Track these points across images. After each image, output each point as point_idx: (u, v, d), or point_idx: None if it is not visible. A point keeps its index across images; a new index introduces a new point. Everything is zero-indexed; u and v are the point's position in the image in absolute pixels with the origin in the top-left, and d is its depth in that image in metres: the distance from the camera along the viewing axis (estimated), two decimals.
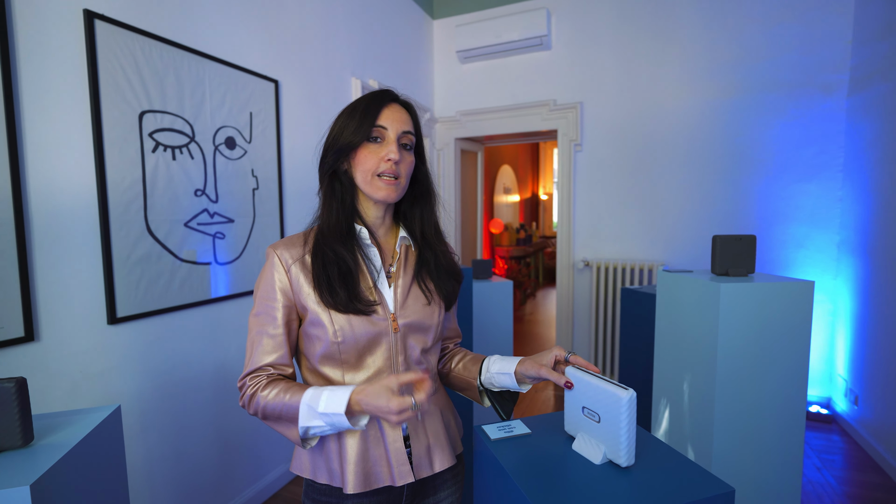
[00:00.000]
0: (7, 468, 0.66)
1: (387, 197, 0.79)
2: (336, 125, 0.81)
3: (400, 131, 0.79)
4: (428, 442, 0.83)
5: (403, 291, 0.83)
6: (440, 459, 0.83)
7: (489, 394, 0.89)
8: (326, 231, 0.81)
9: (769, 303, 1.29)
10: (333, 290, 0.76)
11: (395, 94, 0.83)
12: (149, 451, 1.59)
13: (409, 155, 0.81)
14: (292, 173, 2.22)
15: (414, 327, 0.82)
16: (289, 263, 0.79)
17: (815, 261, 2.86)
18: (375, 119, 0.78)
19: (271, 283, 0.79)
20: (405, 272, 0.84)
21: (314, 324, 0.78)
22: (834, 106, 2.74)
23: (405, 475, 0.79)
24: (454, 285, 0.90)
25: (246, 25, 1.95)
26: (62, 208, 1.33)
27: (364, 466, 0.78)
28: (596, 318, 3.37)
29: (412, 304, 0.83)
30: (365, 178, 0.79)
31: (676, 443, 1.51)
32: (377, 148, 0.78)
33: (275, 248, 0.81)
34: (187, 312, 1.71)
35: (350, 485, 0.77)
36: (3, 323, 1.19)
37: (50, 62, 1.29)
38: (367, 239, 0.82)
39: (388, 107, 0.79)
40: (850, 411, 2.67)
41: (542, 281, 7.83)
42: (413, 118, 0.83)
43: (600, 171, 3.31)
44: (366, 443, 0.79)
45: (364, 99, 0.80)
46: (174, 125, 1.63)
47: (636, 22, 3.12)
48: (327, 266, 0.77)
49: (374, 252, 0.83)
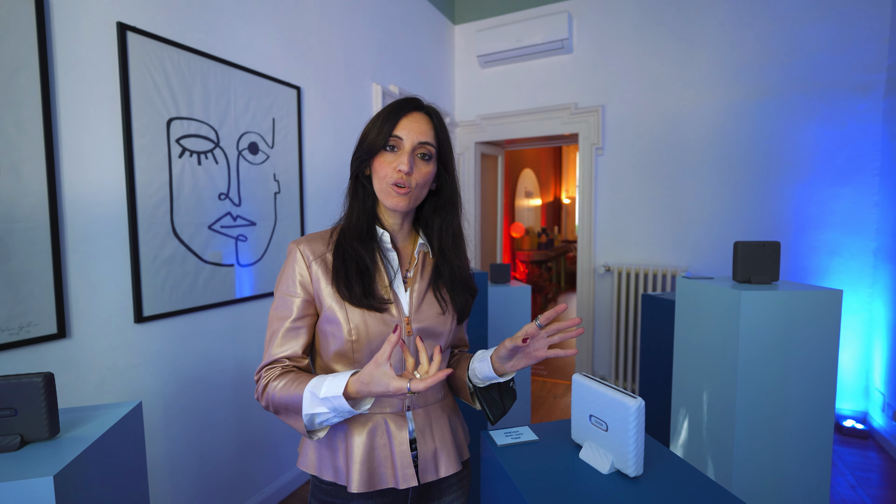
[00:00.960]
0: (33, 459, 0.69)
1: (396, 206, 0.80)
2: (366, 129, 0.83)
3: (416, 142, 0.79)
4: (435, 446, 0.83)
5: (419, 296, 0.84)
6: (446, 465, 0.83)
7: (478, 392, 0.85)
8: (348, 230, 0.83)
9: (794, 312, 1.25)
10: (350, 284, 0.78)
11: (420, 102, 0.83)
12: (171, 445, 1.64)
13: (425, 165, 0.81)
14: (313, 177, 2.27)
15: (427, 332, 0.83)
16: (310, 259, 0.81)
17: (849, 268, 2.73)
18: (393, 128, 0.79)
19: (292, 277, 0.81)
20: (421, 278, 0.85)
21: (330, 320, 0.80)
22: (870, 107, 2.62)
23: (409, 478, 0.79)
24: (468, 299, 0.89)
25: (269, 34, 2.00)
26: (94, 211, 1.39)
27: (369, 466, 0.79)
28: (617, 325, 3.31)
29: (427, 310, 0.84)
30: (380, 185, 0.80)
31: (696, 455, 1.47)
32: (392, 157, 0.79)
33: (298, 244, 0.83)
34: (210, 313, 1.77)
35: (354, 484, 0.78)
36: (38, 320, 1.25)
37: (85, 72, 1.36)
38: (388, 243, 0.84)
39: (407, 116, 0.80)
40: (887, 426, 2.53)
41: (563, 286, 7.72)
42: (436, 127, 0.83)
43: (622, 174, 3.26)
44: (372, 443, 0.80)
45: (389, 106, 0.82)
46: (200, 131, 1.69)
47: (659, 23, 3.06)
48: (346, 261, 0.80)
49: (392, 256, 0.85)
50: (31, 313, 1.24)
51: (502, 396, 0.85)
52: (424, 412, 0.84)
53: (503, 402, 0.85)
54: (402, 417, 0.81)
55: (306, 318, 0.82)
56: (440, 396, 0.88)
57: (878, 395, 2.63)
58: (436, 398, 0.86)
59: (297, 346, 0.80)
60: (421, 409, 0.83)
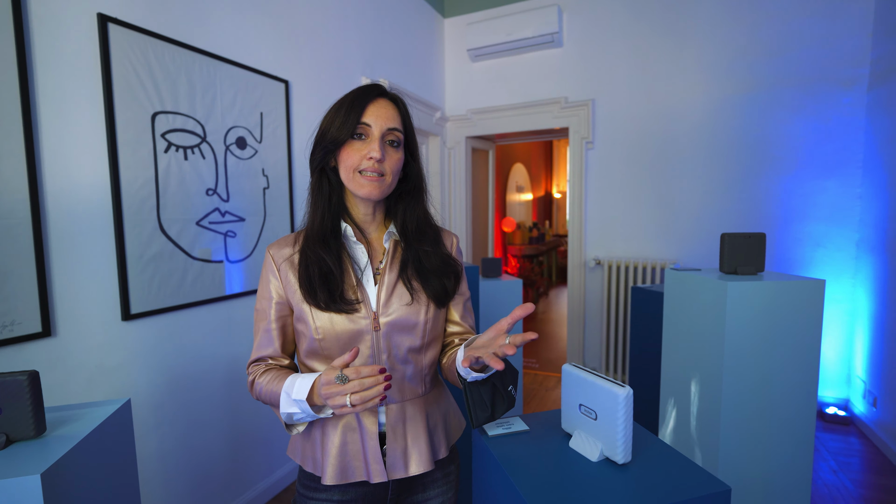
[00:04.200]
0: (20, 457, 0.69)
1: (369, 194, 0.79)
2: (325, 121, 0.81)
3: (385, 128, 0.78)
4: (406, 444, 0.82)
5: (388, 290, 0.82)
6: (416, 463, 0.82)
7: (467, 388, 0.77)
8: (310, 234, 0.82)
9: (778, 302, 1.27)
10: (314, 290, 0.79)
11: (384, 88, 0.82)
12: (162, 443, 1.63)
13: (395, 152, 0.80)
14: (303, 172, 2.25)
15: (397, 326, 0.81)
16: (279, 262, 0.84)
17: (833, 260, 2.79)
18: (360, 116, 0.77)
19: (266, 281, 0.84)
20: (391, 270, 0.83)
21: (299, 320, 0.82)
22: (854, 101, 2.67)
23: (379, 473, 0.79)
24: (444, 283, 0.85)
25: (256, 27, 1.98)
26: (77, 207, 1.37)
27: (342, 460, 0.80)
28: (607, 317, 3.34)
29: (395, 303, 0.81)
30: (348, 174, 0.79)
31: (683, 443, 1.50)
32: (361, 145, 0.78)
33: (270, 248, 0.86)
34: (200, 309, 1.75)
35: (328, 476, 0.79)
36: (22, 318, 1.23)
37: (65, 65, 1.33)
38: (353, 237, 0.83)
39: (373, 102, 0.78)
40: (868, 413, 2.60)
41: (555, 280, 7.78)
42: (402, 113, 0.82)
43: (612, 168, 3.28)
44: (345, 437, 0.81)
45: (351, 94, 0.80)
46: (186, 126, 1.67)
47: (649, 17, 3.07)
48: (310, 266, 0.79)
49: (360, 250, 0.84)
50: (15, 312, 1.22)
51: (495, 399, 0.78)
52: (399, 408, 0.82)
53: (493, 407, 0.78)
54: (374, 413, 0.81)
55: (281, 320, 0.84)
56: (420, 391, 0.85)
57: (860, 383, 2.70)
58: (414, 393, 0.84)
59: (274, 348, 0.84)
60: (395, 405, 0.82)
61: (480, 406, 0.77)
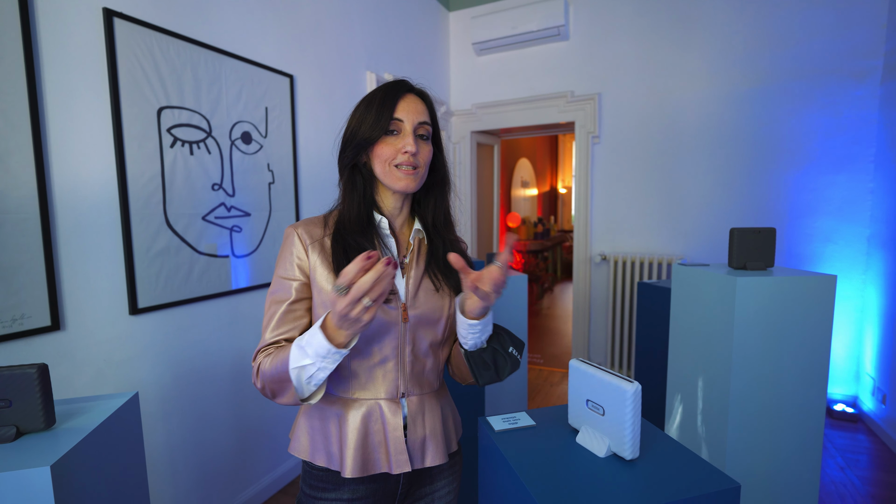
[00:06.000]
0: (29, 449, 0.69)
1: (406, 187, 0.80)
2: (353, 118, 0.82)
3: (416, 122, 0.80)
4: (424, 434, 0.83)
5: (415, 283, 0.83)
6: (432, 455, 0.83)
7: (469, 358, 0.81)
8: (347, 222, 0.82)
9: (788, 297, 1.25)
10: None
11: (410, 84, 0.83)
12: (169, 436, 1.64)
13: (426, 145, 0.82)
14: (308, 167, 2.25)
15: (423, 319, 0.83)
16: (308, 243, 0.81)
17: (843, 255, 2.75)
18: (392, 112, 0.79)
19: (290, 260, 0.81)
20: (417, 264, 0.85)
21: (325, 305, 0.79)
22: (866, 93, 2.62)
23: (402, 464, 0.79)
24: None
25: (261, 21, 1.97)
26: (85, 202, 1.37)
27: (364, 452, 0.79)
28: (613, 313, 3.32)
29: (423, 296, 0.83)
30: (384, 168, 0.80)
31: (690, 440, 1.49)
32: (395, 140, 0.79)
33: (295, 228, 0.82)
34: (206, 304, 1.76)
35: (348, 469, 0.78)
36: (31, 312, 1.24)
37: (71, 60, 1.33)
38: (387, 229, 0.84)
39: (403, 98, 0.80)
40: (877, 410, 2.57)
41: (560, 275, 7.75)
42: (429, 107, 0.84)
43: (619, 163, 3.25)
44: (367, 428, 0.80)
45: (380, 91, 0.81)
46: (192, 121, 1.67)
47: (657, 9, 3.03)
48: (349, 252, 0.78)
49: (391, 243, 0.84)
50: (24, 305, 1.23)
51: (496, 360, 0.81)
52: (418, 399, 0.84)
53: (496, 366, 0.81)
54: (397, 404, 0.81)
55: (305, 301, 0.81)
56: (436, 386, 0.88)
57: (869, 380, 2.67)
58: (431, 387, 0.86)
59: (295, 329, 0.80)
60: (415, 397, 0.83)
61: (483, 366, 0.81)
